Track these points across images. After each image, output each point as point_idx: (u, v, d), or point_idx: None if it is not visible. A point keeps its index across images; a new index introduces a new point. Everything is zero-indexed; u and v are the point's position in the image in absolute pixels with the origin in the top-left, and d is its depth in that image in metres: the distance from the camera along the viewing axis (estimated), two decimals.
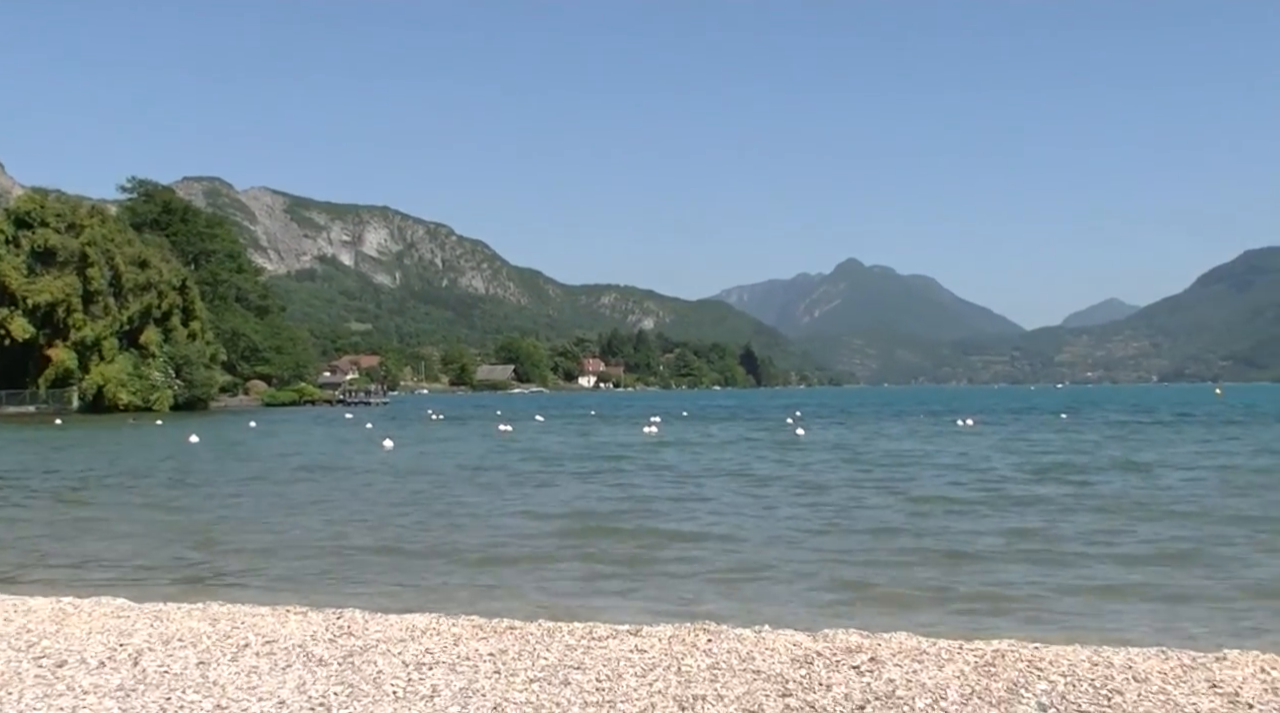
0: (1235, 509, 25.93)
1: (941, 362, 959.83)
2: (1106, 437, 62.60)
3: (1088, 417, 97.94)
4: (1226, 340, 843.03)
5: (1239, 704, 9.11)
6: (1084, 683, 9.75)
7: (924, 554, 19.63)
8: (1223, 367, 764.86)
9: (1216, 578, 17.14)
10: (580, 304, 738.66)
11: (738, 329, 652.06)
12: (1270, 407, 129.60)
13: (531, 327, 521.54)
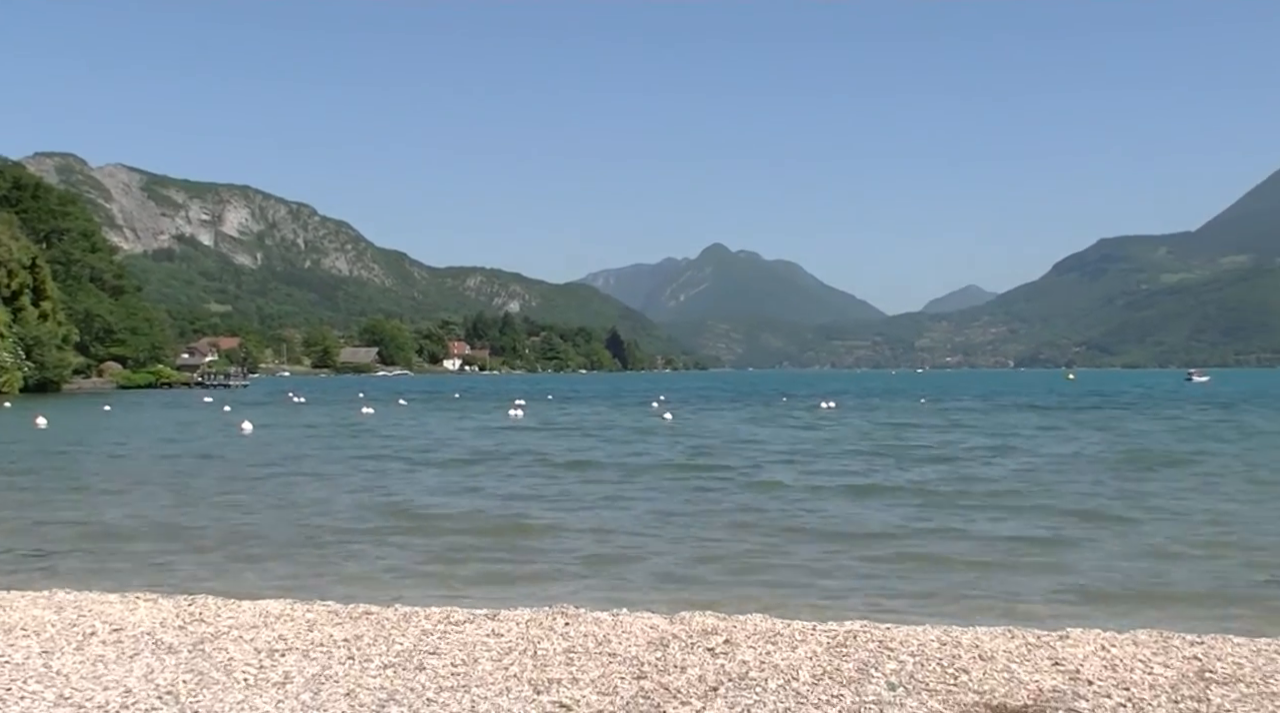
0: (1075, 495, 26.70)
1: (805, 346, 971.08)
2: (953, 422, 64.01)
3: (946, 402, 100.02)
4: (1080, 327, 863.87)
5: (1079, 681, 9.35)
6: (932, 662, 9.94)
7: (788, 537, 19.86)
8: (1076, 352, 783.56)
9: (1055, 564, 17.61)
10: (446, 286, 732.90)
11: (604, 313, 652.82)
12: (1115, 390, 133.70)
13: (396, 309, 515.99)
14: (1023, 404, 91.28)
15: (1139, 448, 40.57)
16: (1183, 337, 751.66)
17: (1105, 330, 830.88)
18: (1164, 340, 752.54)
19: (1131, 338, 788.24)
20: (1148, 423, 60.85)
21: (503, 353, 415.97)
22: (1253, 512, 23.28)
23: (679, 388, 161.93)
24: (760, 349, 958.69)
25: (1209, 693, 8.98)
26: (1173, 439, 46.83)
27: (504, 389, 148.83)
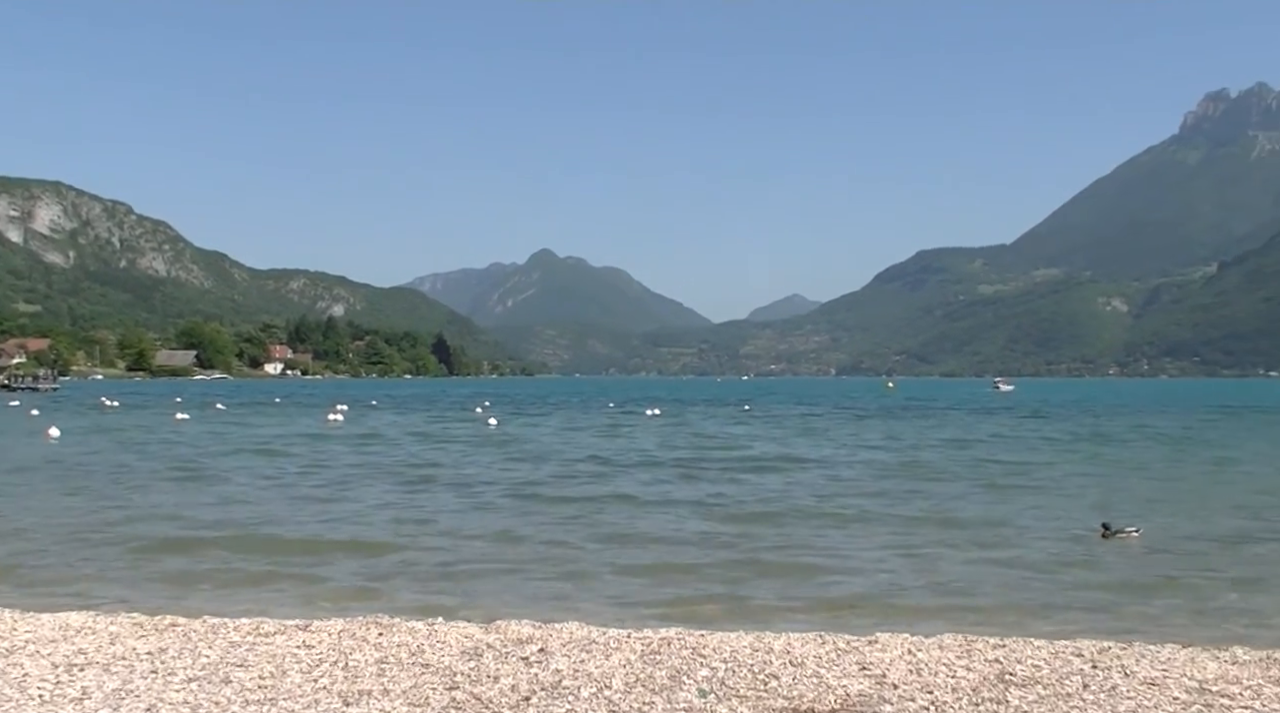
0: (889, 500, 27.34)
1: (632, 353, 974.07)
2: (771, 427, 65.03)
3: (768, 408, 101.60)
4: (900, 336, 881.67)
5: (885, 685, 9.56)
6: (744, 668, 10.06)
7: (610, 545, 19.92)
8: (896, 361, 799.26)
9: (859, 568, 17.98)
10: (268, 289, 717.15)
11: (431, 317, 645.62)
12: (928, 397, 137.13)
13: (216, 311, 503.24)
14: (845, 412, 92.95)
15: (911, 460, 41.30)
16: (998, 347, 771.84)
17: (924, 340, 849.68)
18: (980, 350, 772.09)
19: (949, 347, 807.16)
20: (953, 430, 62.55)
21: (326, 357, 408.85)
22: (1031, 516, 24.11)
23: (504, 394, 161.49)
24: (587, 356, 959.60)
25: (1008, 695, 9.24)
26: (954, 447, 48.44)
27: (327, 394, 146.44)
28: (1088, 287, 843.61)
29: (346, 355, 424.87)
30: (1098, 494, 29.25)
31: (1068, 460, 41.05)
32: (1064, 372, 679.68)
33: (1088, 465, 38.83)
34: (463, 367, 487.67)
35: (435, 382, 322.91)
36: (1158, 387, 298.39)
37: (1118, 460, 41.48)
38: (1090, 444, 50.83)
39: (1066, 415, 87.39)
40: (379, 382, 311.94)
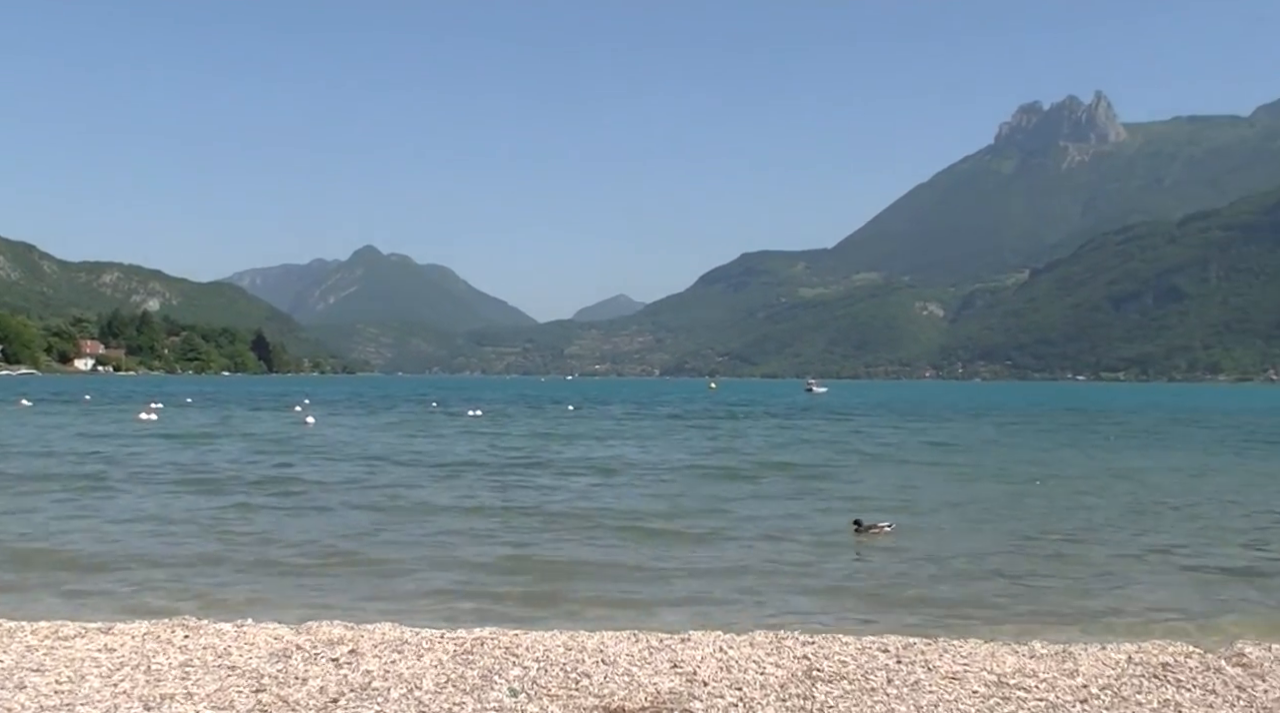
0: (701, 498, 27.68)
1: (457, 352, 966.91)
2: (591, 428, 65.31)
3: (591, 408, 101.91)
4: (724, 337, 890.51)
5: (695, 682, 9.66)
6: (556, 667, 10.08)
7: (424, 547, 19.76)
8: (720, 362, 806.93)
9: (679, 569, 18.14)
10: (79, 282, 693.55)
11: (250, 314, 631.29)
12: (747, 399, 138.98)
13: (23, 304, 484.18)
14: (665, 413, 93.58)
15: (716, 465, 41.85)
16: (818, 349, 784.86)
17: (747, 341, 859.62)
18: (801, 352, 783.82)
19: (771, 349, 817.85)
20: (762, 434, 63.47)
21: (140, 353, 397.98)
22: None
23: (324, 392, 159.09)
24: (411, 354, 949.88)
25: (814, 691, 9.42)
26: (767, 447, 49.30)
27: (141, 390, 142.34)
28: (905, 291, 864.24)
29: (162, 352, 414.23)
30: (864, 490, 30.30)
31: (852, 460, 42.03)
32: (882, 374, 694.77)
33: (876, 467, 39.65)
34: (283, 364, 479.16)
35: (254, 379, 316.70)
36: (969, 389, 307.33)
37: (897, 459, 42.70)
38: (871, 445, 52.08)
39: (867, 416, 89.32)
40: (194, 378, 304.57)
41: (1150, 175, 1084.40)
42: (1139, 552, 19.89)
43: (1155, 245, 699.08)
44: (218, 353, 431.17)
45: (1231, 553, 19.93)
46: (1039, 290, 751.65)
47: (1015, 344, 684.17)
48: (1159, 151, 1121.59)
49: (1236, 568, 18.31)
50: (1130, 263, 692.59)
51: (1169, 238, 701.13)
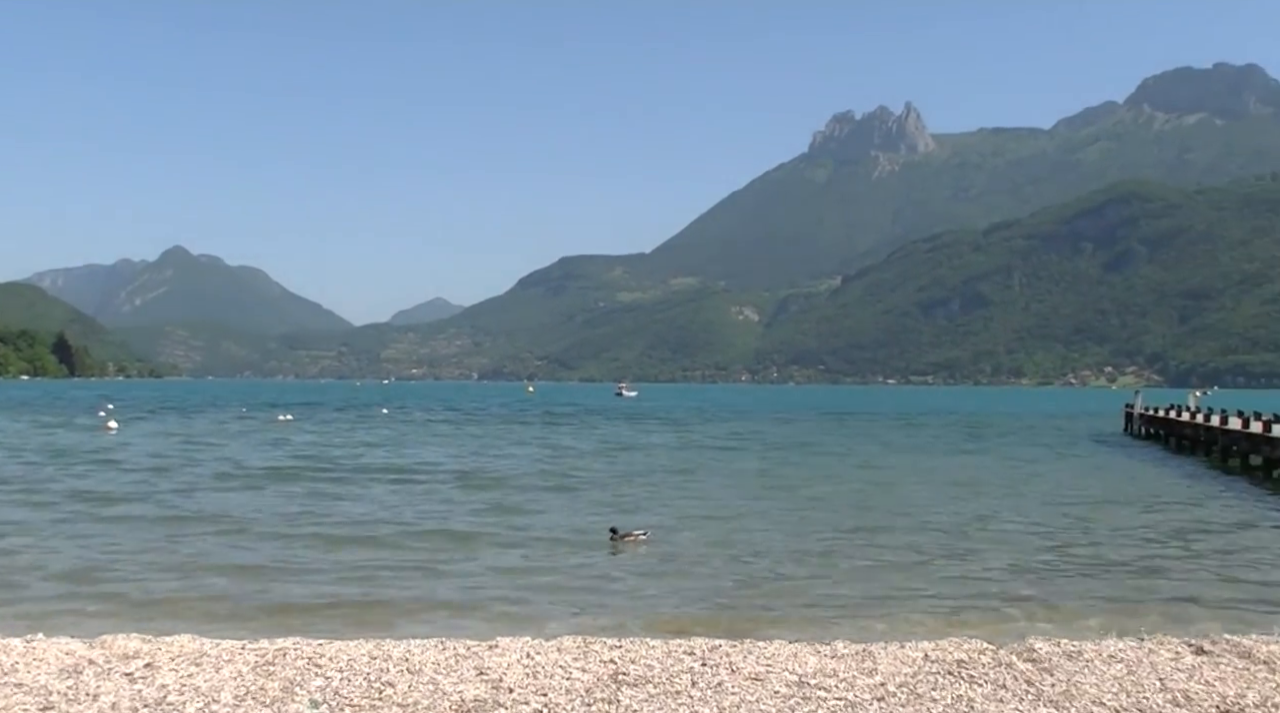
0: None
1: (269, 355, 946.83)
2: (400, 433, 64.85)
3: (407, 413, 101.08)
4: (542, 341, 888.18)
5: (501, 689, 9.64)
6: (360, 677, 9.96)
7: (233, 555, 19.38)
8: (538, 366, 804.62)
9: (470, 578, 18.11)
10: None
11: (51, 316, 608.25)
12: (563, 402, 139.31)
13: None
14: (478, 417, 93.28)
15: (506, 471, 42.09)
16: (636, 353, 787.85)
17: (566, 345, 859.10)
18: (619, 356, 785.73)
19: (589, 353, 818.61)
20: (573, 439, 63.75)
21: None
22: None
23: (129, 397, 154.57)
24: (222, 358, 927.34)
25: (619, 695, 9.48)
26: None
27: None
28: (722, 296, 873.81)
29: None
30: (640, 497, 30.68)
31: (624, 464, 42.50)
32: (699, 378, 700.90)
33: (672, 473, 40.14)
34: (86, 368, 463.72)
35: (55, 383, 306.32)
36: (780, 393, 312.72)
37: (675, 468, 42.72)
38: (667, 450, 52.64)
39: (672, 421, 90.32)
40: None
41: (957, 185, 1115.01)
42: (909, 550, 20.59)
43: (962, 253, 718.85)
44: (16, 356, 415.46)
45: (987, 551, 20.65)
46: (851, 296, 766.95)
47: (828, 349, 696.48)
48: (965, 162, 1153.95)
49: (1010, 566, 19.00)
50: (938, 270, 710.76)
51: (975, 246, 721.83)
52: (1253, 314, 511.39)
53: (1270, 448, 38.06)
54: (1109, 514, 27.60)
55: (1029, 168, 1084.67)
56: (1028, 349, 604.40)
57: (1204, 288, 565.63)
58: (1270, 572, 18.91)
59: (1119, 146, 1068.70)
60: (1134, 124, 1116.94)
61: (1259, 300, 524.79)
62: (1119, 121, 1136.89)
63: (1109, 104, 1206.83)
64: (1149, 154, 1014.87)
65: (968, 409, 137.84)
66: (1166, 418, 61.14)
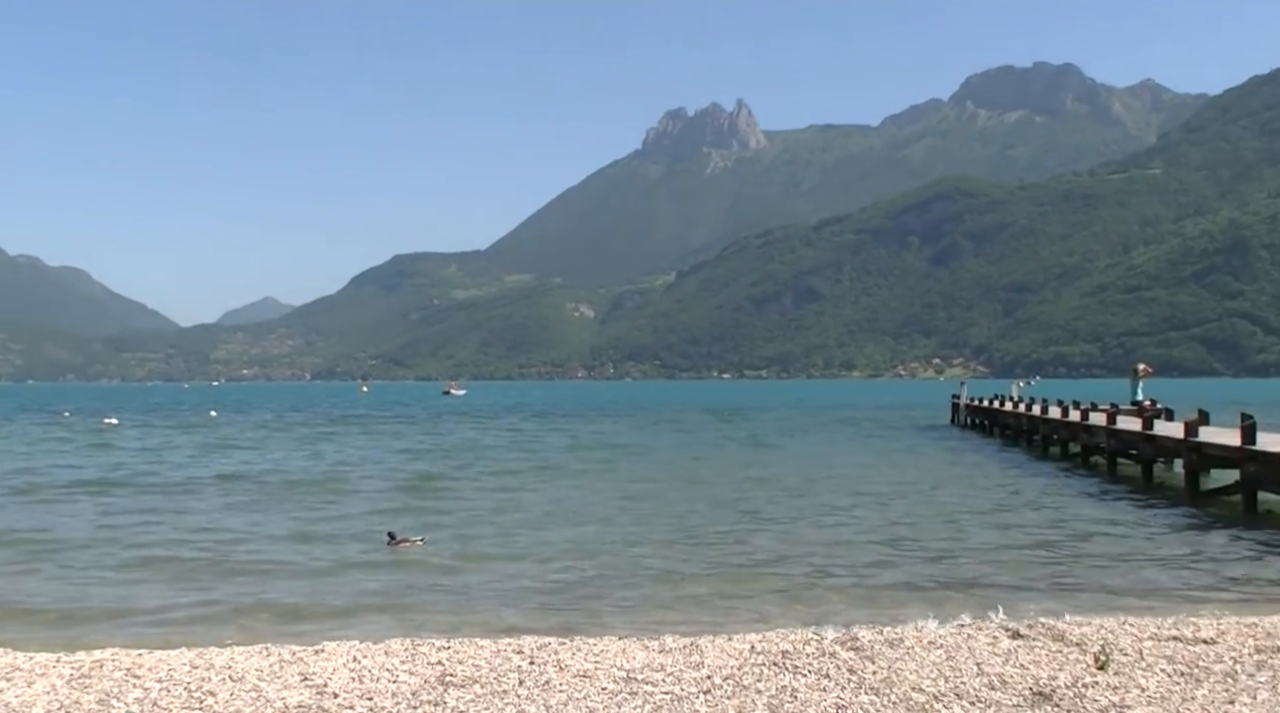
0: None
1: (94, 358, 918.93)
2: (225, 437, 63.76)
3: (231, 417, 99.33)
4: (376, 340, 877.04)
5: (326, 694, 9.52)
6: (180, 687, 9.74)
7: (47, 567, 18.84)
8: (373, 365, 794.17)
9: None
10: None
11: None
12: (393, 401, 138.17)
13: None
14: (301, 419, 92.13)
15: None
16: (472, 351, 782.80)
17: (400, 344, 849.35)
18: (455, 354, 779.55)
19: (425, 351, 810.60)
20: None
21: None
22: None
23: None
24: (43, 361, 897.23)
25: (446, 697, 9.43)
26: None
27: None
28: (557, 292, 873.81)
29: None
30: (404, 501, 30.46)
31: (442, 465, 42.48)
32: (535, 375, 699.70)
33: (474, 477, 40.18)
34: None
35: None
36: (614, 388, 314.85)
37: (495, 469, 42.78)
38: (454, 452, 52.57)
39: (485, 416, 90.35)
40: None
41: (788, 181, 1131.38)
42: (734, 544, 20.96)
43: (793, 248, 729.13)
44: None
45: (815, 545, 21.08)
46: (685, 292, 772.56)
47: (664, 344, 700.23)
48: (796, 158, 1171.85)
49: (837, 557, 19.39)
50: (770, 265, 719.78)
51: (806, 241, 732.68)
52: (1073, 306, 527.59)
53: (1088, 435, 39.37)
54: (933, 503, 28.34)
55: (858, 164, 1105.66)
56: (858, 342, 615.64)
57: (1026, 281, 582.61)
58: (1087, 556, 19.57)
59: (944, 143, 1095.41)
60: (958, 121, 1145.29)
61: (1078, 293, 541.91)
62: (944, 118, 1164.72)
63: (934, 101, 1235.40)
64: (973, 150, 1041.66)
65: (799, 402, 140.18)
66: (991, 408, 62.93)
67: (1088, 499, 29.22)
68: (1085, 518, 25.02)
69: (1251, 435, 25.48)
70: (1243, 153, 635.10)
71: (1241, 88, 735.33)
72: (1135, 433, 33.76)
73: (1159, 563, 18.71)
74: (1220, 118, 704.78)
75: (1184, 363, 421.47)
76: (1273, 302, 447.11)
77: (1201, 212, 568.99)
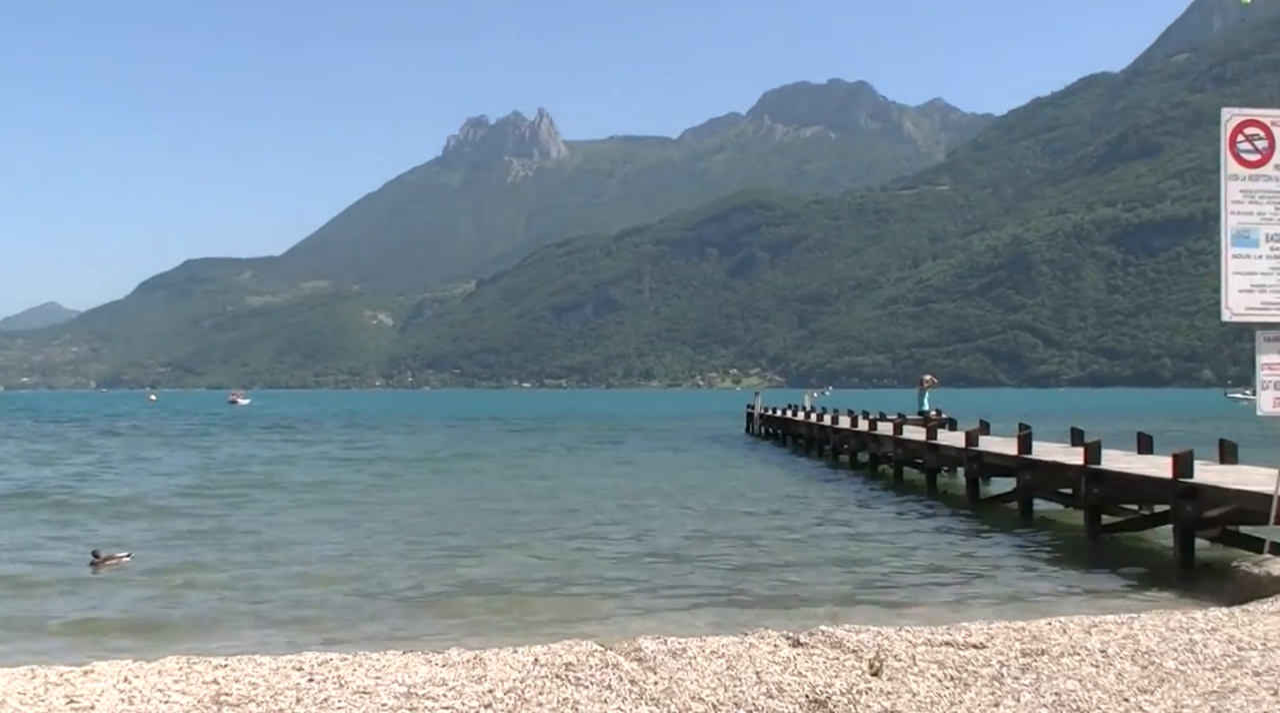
0: None
1: None
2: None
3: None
4: (167, 347, 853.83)
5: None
6: None
7: None
8: (162, 373, 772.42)
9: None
10: None
11: None
12: (188, 409, 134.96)
13: None
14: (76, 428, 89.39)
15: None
16: (266, 358, 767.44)
17: (191, 351, 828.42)
18: (249, 362, 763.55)
19: (218, 359, 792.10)
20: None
21: None
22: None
23: None
24: None
25: None
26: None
27: None
28: (355, 300, 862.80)
29: None
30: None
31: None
32: (332, 383, 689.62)
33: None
34: None
35: None
36: (408, 398, 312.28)
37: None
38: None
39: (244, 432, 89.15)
40: None
41: (589, 191, 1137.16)
42: (513, 555, 20.99)
43: (594, 258, 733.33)
44: None
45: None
46: (485, 300, 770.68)
47: (463, 353, 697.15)
48: (597, 168, 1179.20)
49: (625, 569, 19.53)
50: (571, 275, 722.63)
51: (606, 251, 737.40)
52: (865, 318, 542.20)
53: (875, 445, 40.42)
54: (722, 514, 28.72)
55: (658, 175, 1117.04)
56: (657, 352, 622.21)
57: (821, 293, 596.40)
58: (869, 563, 20.08)
59: (742, 156, 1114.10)
60: (756, 135, 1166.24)
61: (871, 305, 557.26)
62: (742, 132, 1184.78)
63: (733, 115, 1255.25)
64: (770, 164, 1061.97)
65: (598, 411, 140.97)
66: (784, 418, 64.14)
67: (873, 508, 29.99)
68: (870, 527, 25.66)
69: (1027, 445, 26.53)
70: (1025, 171, 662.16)
71: (1024, 108, 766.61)
72: (920, 443, 34.83)
73: (937, 570, 19.29)
74: (1005, 137, 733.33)
75: (970, 373, 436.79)
76: (1053, 315, 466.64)
77: (987, 227, 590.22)
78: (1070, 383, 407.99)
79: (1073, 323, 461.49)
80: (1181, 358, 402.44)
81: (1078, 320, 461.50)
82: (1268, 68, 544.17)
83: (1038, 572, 18.98)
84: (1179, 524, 18.71)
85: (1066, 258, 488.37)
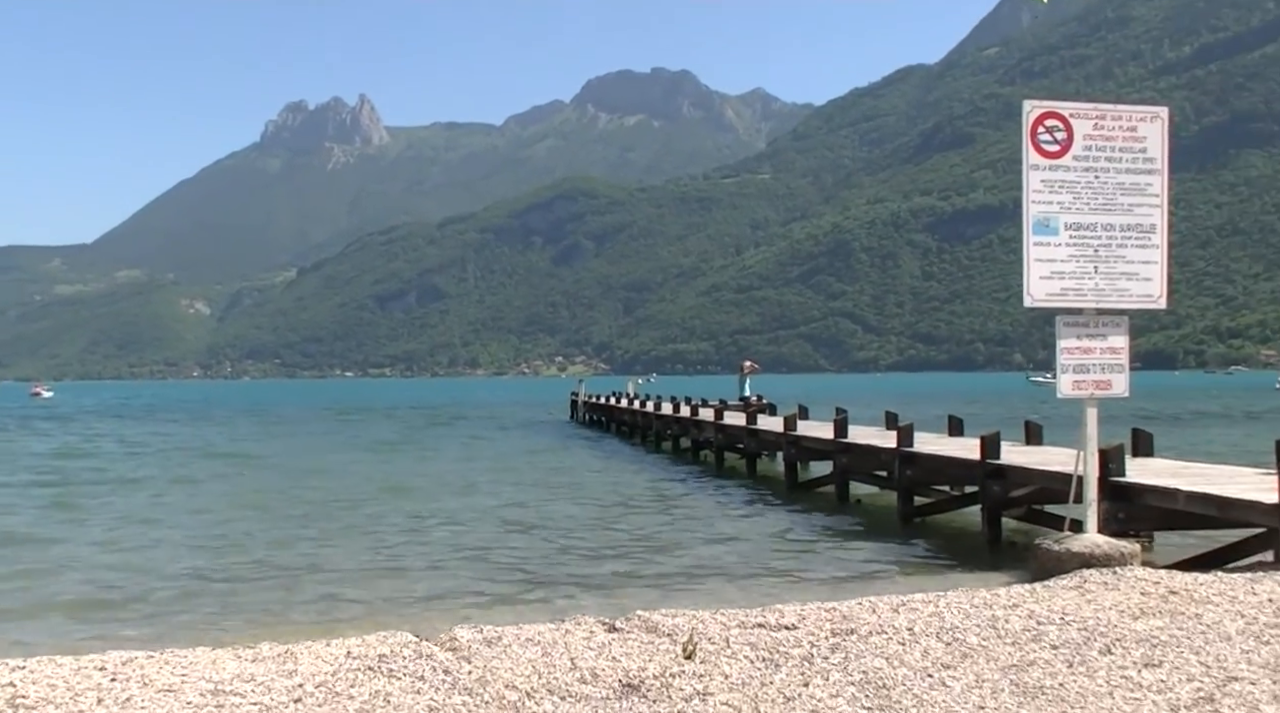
0: None
1: None
2: None
3: None
4: None
5: None
6: None
7: None
8: None
9: None
10: None
11: None
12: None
13: None
14: None
15: None
16: (78, 349, 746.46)
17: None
18: (59, 353, 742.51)
19: (25, 351, 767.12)
20: None
21: None
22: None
23: None
24: None
25: None
26: None
27: None
28: (171, 289, 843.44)
29: None
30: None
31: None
32: (148, 374, 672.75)
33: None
34: None
35: None
36: (225, 388, 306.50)
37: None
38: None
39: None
40: None
41: (412, 178, 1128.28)
42: (326, 549, 20.74)
43: (417, 246, 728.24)
44: None
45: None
46: (307, 289, 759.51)
47: (284, 342, 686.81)
48: (420, 155, 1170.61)
49: (442, 559, 19.42)
50: (394, 263, 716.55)
51: (430, 239, 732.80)
52: (689, 306, 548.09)
53: (697, 431, 40.79)
54: (542, 501, 28.67)
55: (481, 163, 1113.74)
56: (483, 340, 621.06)
57: (645, 281, 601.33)
58: (688, 548, 20.21)
59: (566, 144, 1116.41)
60: (579, 123, 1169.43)
61: (694, 292, 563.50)
62: (566, 120, 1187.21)
63: (556, 103, 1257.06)
64: (594, 152, 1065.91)
65: (422, 400, 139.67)
66: (607, 405, 64.38)
67: (694, 493, 30.21)
68: (689, 511, 25.84)
69: (843, 429, 27.01)
70: (844, 160, 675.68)
71: (843, 99, 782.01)
72: (740, 428, 35.25)
73: (755, 552, 19.50)
74: (824, 127, 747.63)
75: (792, 359, 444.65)
76: (872, 302, 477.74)
77: (807, 216, 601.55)
78: (889, 368, 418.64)
79: (890, 309, 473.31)
80: (994, 343, 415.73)
81: (895, 307, 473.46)
82: (1073, 62, 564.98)
83: (852, 553, 19.30)
84: (986, 504, 19.21)
85: (884, 246, 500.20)
